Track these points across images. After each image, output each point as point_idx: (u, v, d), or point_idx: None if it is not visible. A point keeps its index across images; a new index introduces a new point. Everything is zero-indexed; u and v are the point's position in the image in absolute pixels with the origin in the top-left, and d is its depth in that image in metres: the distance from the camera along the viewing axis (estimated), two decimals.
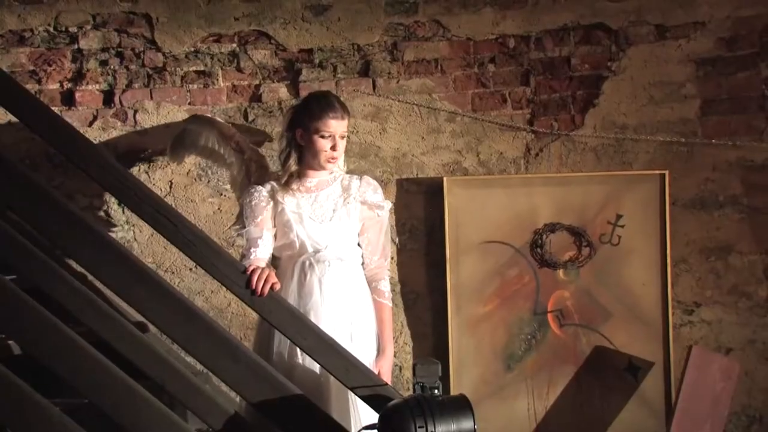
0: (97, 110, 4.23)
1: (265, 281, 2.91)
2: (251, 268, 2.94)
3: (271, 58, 4.24)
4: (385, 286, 3.47)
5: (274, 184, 3.44)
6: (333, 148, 3.35)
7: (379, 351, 3.39)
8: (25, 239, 2.85)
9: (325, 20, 4.20)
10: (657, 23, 4.17)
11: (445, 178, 4.15)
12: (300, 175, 3.44)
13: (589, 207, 4.15)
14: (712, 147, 4.16)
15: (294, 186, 3.42)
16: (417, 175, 4.23)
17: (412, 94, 4.21)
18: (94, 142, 4.04)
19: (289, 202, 3.40)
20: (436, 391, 2.65)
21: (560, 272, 4.16)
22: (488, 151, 4.23)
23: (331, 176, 3.46)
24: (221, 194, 4.22)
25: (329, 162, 3.39)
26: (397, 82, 4.22)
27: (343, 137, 3.38)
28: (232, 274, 2.91)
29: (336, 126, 3.34)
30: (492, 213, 4.16)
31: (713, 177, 4.17)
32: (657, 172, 4.12)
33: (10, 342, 3.03)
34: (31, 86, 4.17)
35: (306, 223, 3.37)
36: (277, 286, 2.96)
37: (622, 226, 4.13)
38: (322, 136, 3.34)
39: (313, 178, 3.44)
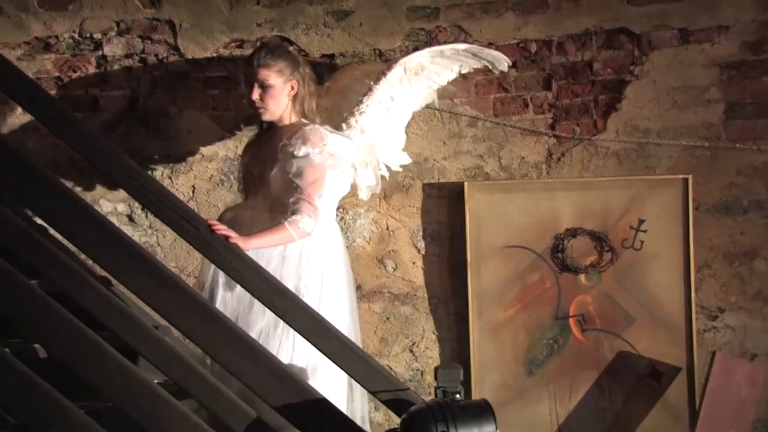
0: (121, 116, 4.26)
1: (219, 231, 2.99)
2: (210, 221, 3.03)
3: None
4: (293, 218, 3.29)
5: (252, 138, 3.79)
6: (253, 96, 3.47)
7: None
8: (50, 243, 2.88)
9: (346, 26, 4.22)
10: (680, 27, 4.15)
11: (466, 183, 4.15)
12: (270, 127, 3.60)
13: (611, 212, 4.14)
14: (737, 151, 4.13)
15: (256, 140, 3.70)
16: (438, 179, 4.23)
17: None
18: (118, 147, 4.07)
19: (246, 155, 3.72)
20: (457, 395, 2.65)
21: (582, 277, 4.15)
22: (510, 156, 4.23)
23: (289, 127, 3.52)
24: None
25: (257, 112, 3.52)
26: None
27: (266, 86, 3.46)
28: (255, 278, 2.92)
29: (252, 73, 3.47)
30: (513, 218, 4.15)
31: (737, 181, 4.15)
32: (680, 176, 4.10)
33: (36, 345, 3.06)
34: (56, 92, 4.21)
35: (246, 176, 3.64)
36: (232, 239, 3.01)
37: (645, 231, 4.11)
38: (248, 84, 3.50)
39: (271, 130, 3.58)
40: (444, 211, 4.22)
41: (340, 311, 3.44)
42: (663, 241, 4.12)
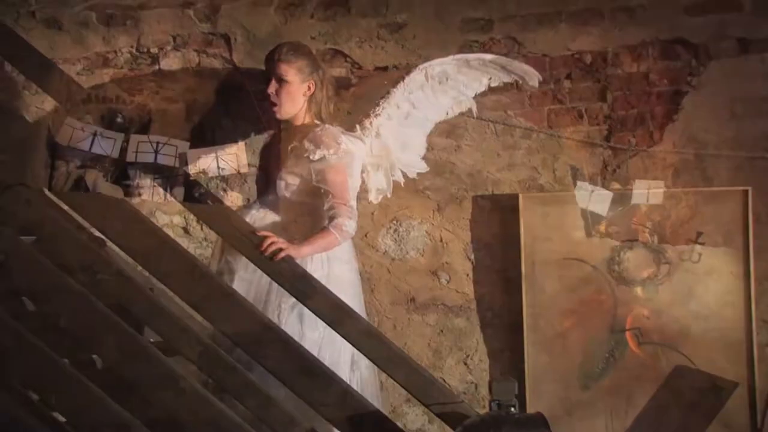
0: (176, 128, 4.31)
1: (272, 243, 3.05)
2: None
3: (347, 76, 4.26)
4: (336, 222, 3.33)
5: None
6: (269, 90, 3.48)
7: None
8: (107, 254, 2.93)
9: (400, 38, 4.22)
10: (739, 37, 4.08)
11: (520, 195, 4.13)
12: (288, 127, 3.59)
13: (668, 224, 4.08)
14: None
15: (271, 140, 3.75)
16: (492, 191, 4.21)
17: (487, 111, 4.19)
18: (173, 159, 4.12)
19: (262, 156, 3.76)
20: (512, 408, 2.64)
21: (638, 290, 4.09)
22: (564, 168, 4.19)
23: (301, 128, 3.53)
24: None
25: (271, 109, 3.52)
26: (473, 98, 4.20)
27: (283, 82, 3.47)
28: (306, 288, 2.94)
29: (270, 67, 3.48)
30: (568, 230, 4.12)
31: None
32: (739, 188, 4.03)
33: (94, 356, 3.10)
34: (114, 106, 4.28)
35: (259, 175, 3.70)
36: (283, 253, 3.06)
37: (703, 244, 4.05)
38: (267, 78, 3.51)
39: (285, 131, 3.59)
40: (498, 223, 4.20)
41: None
42: (721, 253, 4.05)
